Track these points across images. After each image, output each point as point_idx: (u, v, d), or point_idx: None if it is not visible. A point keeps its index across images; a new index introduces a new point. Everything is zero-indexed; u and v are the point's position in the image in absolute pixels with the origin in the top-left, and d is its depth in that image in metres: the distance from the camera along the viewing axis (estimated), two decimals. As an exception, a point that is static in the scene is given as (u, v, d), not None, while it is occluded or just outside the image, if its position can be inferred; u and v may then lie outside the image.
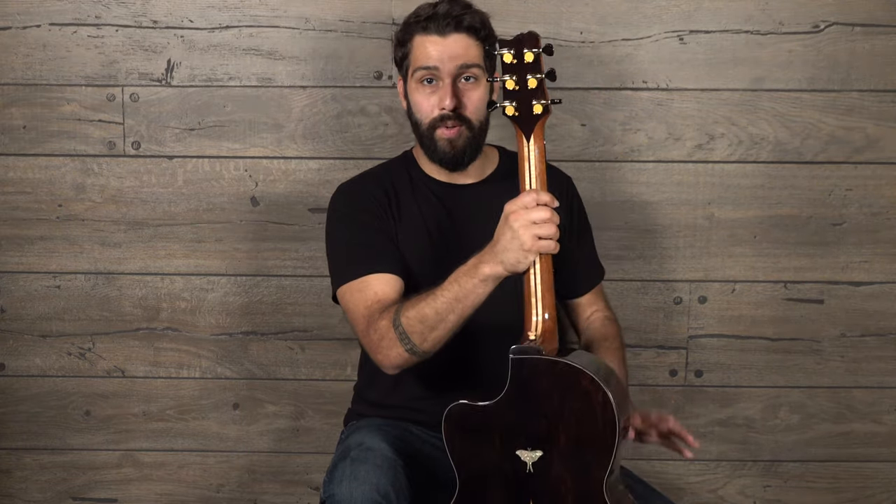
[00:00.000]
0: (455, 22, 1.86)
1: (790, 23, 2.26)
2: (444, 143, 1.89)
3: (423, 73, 1.88)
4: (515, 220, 1.63)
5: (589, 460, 1.65)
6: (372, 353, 1.83)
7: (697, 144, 2.31)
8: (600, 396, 1.62)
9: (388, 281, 1.88)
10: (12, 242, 2.37)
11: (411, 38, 1.89)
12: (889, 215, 2.34)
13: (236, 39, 2.28)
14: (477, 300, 1.71)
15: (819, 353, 2.40)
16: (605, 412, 1.62)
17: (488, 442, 1.70)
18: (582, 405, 1.64)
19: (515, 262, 1.65)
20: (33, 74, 2.30)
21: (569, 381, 1.64)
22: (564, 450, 1.66)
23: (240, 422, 2.45)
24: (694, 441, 1.80)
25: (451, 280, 1.72)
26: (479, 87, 1.89)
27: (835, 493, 2.46)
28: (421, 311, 1.74)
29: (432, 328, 1.73)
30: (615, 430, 1.62)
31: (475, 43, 1.88)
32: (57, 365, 2.42)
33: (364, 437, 1.83)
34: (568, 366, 1.64)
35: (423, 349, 1.76)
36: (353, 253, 1.91)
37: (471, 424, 1.70)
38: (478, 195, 1.98)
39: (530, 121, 1.66)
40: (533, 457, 1.68)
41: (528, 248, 1.63)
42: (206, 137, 2.32)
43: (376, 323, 1.80)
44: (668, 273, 2.36)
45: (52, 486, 2.48)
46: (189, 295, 2.39)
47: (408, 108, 1.96)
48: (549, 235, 1.63)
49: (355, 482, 1.71)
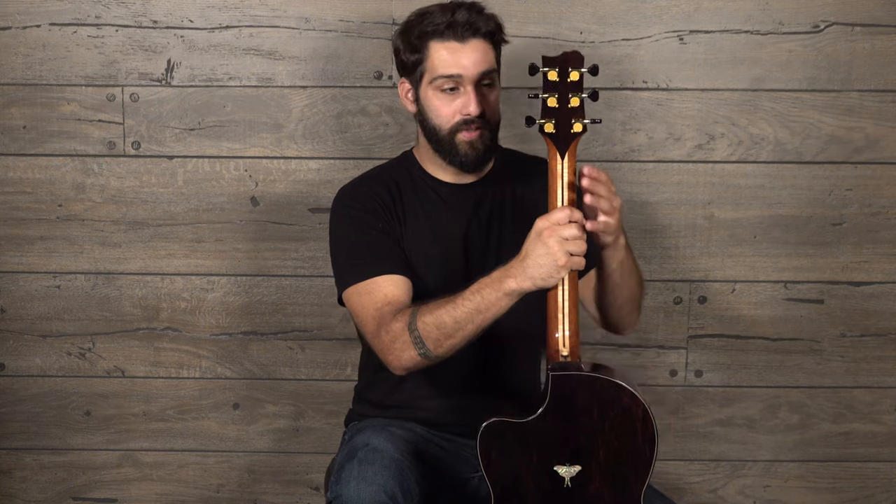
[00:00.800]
0: (474, 29, 1.85)
1: (790, 23, 2.26)
2: (465, 147, 1.89)
3: (444, 80, 1.86)
4: (549, 236, 1.65)
5: (627, 475, 1.68)
6: (382, 353, 1.82)
7: (697, 144, 2.31)
8: (640, 412, 1.66)
9: (397, 282, 1.87)
10: (12, 242, 2.37)
11: (426, 44, 1.87)
12: (889, 215, 2.34)
13: (236, 39, 2.28)
14: (498, 312, 1.72)
15: (819, 353, 2.40)
16: (645, 428, 1.67)
17: (526, 458, 1.71)
18: (622, 420, 1.66)
19: (547, 276, 1.67)
20: (33, 74, 2.30)
21: (609, 397, 1.66)
22: (603, 465, 1.68)
23: (240, 422, 2.45)
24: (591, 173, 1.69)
25: (474, 290, 1.72)
26: (496, 90, 1.91)
27: (835, 493, 2.46)
28: (439, 318, 1.74)
29: (449, 336, 1.74)
30: (654, 444, 1.67)
31: (492, 47, 1.89)
32: (57, 365, 2.42)
33: (370, 438, 1.83)
34: (609, 381, 1.66)
35: (437, 354, 1.77)
36: (359, 255, 1.91)
37: (507, 441, 1.71)
38: (480, 194, 1.98)
39: (567, 139, 1.69)
40: (571, 472, 1.70)
41: (561, 264, 1.65)
42: (206, 137, 2.32)
43: (389, 324, 1.80)
44: (667, 273, 2.36)
45: (52, 486, 2.48)
46: (189, 295, 2.39)
47: (418, 112, 1.94)
48: (579, 252, 1.65)
49: (363, 483, 1.72)
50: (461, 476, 1.97)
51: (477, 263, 1.96)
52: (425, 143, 1.95)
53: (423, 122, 1.93)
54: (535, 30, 2.26)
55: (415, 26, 1.88)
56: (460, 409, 1.95)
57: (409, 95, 1.95)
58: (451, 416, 1.98)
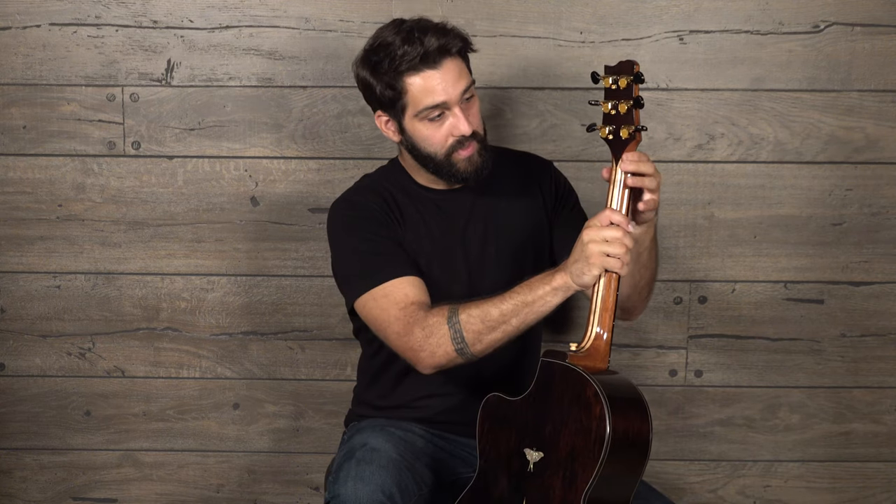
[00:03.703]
0: (445, 51, 1.83)
1: (790, 23, 2.26)
2: (464, 164, 1.88)
3: (430, 111, 1.84)
4: (587, 234, 1.67)
5: (576, 471, 1.65)
6: (414, 352, 1.81)
7: (697, 144, 2.31)
8: (598, 410, 1.62)
9: (414, 283, 1.87)
10: (12, 242, 2.37)
11: (401, 79, 1.83)
12: (889, 215, 2.34)
13: (236, 39, 2.28)
14: (544, 308, 1.73)
15: (819, 353, 2.40)
16: (599, 427, 1.62)
17: (506, 435, 1.77)
18: (581, 415, 1.65)
19: (580, 273, 1.67)
20: (33, 74, 2.30)
21: (576, 390, 1.66)
22: (560, 456, 1.68)
23: (240, 422, 2.45)
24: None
25: (523, 285, 1.74)
26: (476, 100, 1.90)
27: (835, 493, 2.46)
28: (485, 311, 1.75)
29: (492, 329, 1.75)
30: (603, 445, 1.61)
31: (463, 61, 1.88)
32: (57, 365, 2.42)
33: (368, 438, 1.83)
34: (579, 375, 1.66)
35: (473, 351, 1.77)
36: (368, 261, 1.90)
37: (497, 416, 1.80)
38: (472, 197, 1.98)
39: (619, 144, 1.70)
40: (535, 457, 1.71)
41: (593, 261, 1.65)
42: (206, 137, 2.32)
43: (424, 320, 1.79)
44: (667, 273, 2.36)
45: (52, 486, 2.48)
46: (189, 295, 2.39)
47: (405, 141, 1.92)
48: (615, 254, 1.65)
49: (361, 482, 1.72)
50: (460, 476, 1.97)
51: (476, 266, 1.96)
52: (414, 162, 1.94)
53: (413, 150, 1.91)
54: (535, 30, 2.26)
55: (384, 61, 1.84)
56: (460, 409, 1.95)
57: (391, 126, 1.92)
58: (451, 416, 1.98)
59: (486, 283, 1.93)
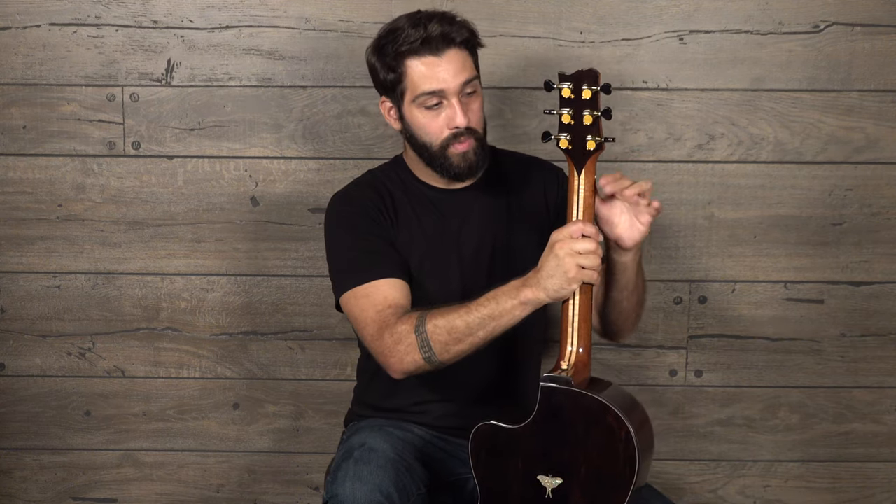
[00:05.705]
0: (449, 39, 1.83)
1: (790, 23, 2.26)
2: (458, 159, 1.88)
3: (427, 97, 1.85)
4: (561, 248, 1.66)
5: (606, 494, 1.67)
6: (383, 356, 1.81)
7: (697, 144, 2.31)
8: (623, 434, 1.65)
9: (396, 285, 1.87)
10: (12, 242, 2.37)
11: (403, 62, 1.85)
12: (889, 215, 2.34)
13: (236, 39, 2.28)
14: (511, 321, 1.72)
15: (819, 353, 2.40)
16: (626, 450, 1.65)
17: (512, 464, 1.74)
18: (605, 440, 1.66)
19: (558, 288, 1.67)
20: (33, 74, 2.30)
21: (594, 415, 1.67)
22: (583, 480, 1.69)
23: (240, 422, 2.45)
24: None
25: (489, 297, 1.73)
26: (479, 97, 1.90)
27: (835, 493, 2.46)
28: (451, 322, 1.74)
29: (458, 340, 1.74)
30: (634, 467, 1.65)
31: (469, 54, 1.88)
32: (57, 365, 2.42)
33: (367, 438, 1.83)
34: (595, 400, 1.67)
35: (441, 360, 1.76)
36: (357, 259, 1.91)
37: (496, 445, 1.75)
38: (472, 199, 1.98)
39: (583, 155, 1.69)
40: (553, 483, 1.71)
41: (571, 276, 1.66)
42: (206, 137, 2.32)
43: (393, 327, 1.79)
44: (667, 273, 2.36)
45: (52, 486, 2.48)
46: (189, 295, 2.39)
47: (404, 129, 1.93)
48: (591, 266, 1.66)
49: (358, 482, 1.72)
50: (458, 476, 1.97)
51: (469, 269, 1.96)
52: (414, 155, 1.94)
53: (410, 138, 1.92)
54: (535, 30, 2.26)
55: (388, 45, 1.86)
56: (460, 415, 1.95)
57: (392, 114, 1.93)
58: (449, 421, 1.98)
59: (480, 285, 1.92)
